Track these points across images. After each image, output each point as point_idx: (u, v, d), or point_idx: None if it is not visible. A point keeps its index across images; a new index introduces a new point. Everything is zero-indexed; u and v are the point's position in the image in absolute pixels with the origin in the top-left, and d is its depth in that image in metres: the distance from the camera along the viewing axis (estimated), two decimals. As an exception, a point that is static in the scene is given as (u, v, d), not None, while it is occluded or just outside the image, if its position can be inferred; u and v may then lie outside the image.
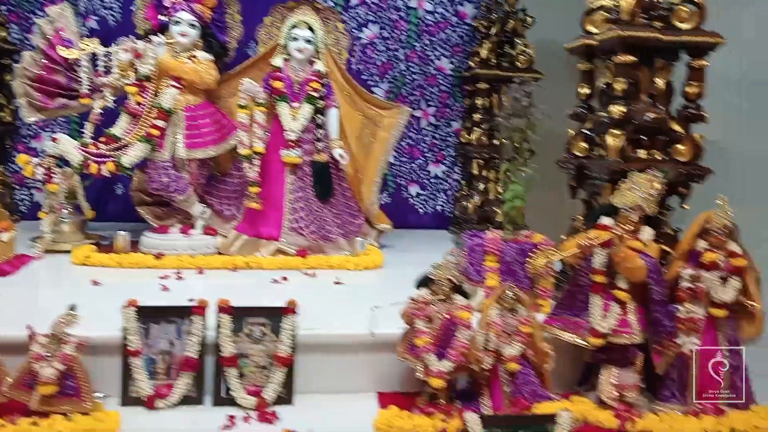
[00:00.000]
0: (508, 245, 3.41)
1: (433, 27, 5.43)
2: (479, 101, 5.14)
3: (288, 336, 2.94)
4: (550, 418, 2.73)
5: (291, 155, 4.18)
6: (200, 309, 2.90)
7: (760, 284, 3.06)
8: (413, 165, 5.59)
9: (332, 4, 5.11)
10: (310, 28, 4.25)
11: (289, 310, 2.97)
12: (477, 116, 4.87)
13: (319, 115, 4.27)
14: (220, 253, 4.12)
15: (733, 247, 3.01)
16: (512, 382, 2.91)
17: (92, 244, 3.89)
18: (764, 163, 5.18)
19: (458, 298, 2.90)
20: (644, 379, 3.12)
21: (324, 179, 4.26)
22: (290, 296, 3.04)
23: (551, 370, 3.05)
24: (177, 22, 4.09)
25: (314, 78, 4.23)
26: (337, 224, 4.09)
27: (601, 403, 2.98)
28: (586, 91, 3.54)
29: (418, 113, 5.51)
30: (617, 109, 3.18)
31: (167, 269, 3.89)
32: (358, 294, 3.41)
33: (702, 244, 3.01)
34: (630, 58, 3.14)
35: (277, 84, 4.19)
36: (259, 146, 4.13)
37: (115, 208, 5.09)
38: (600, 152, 3.41)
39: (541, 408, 2.89)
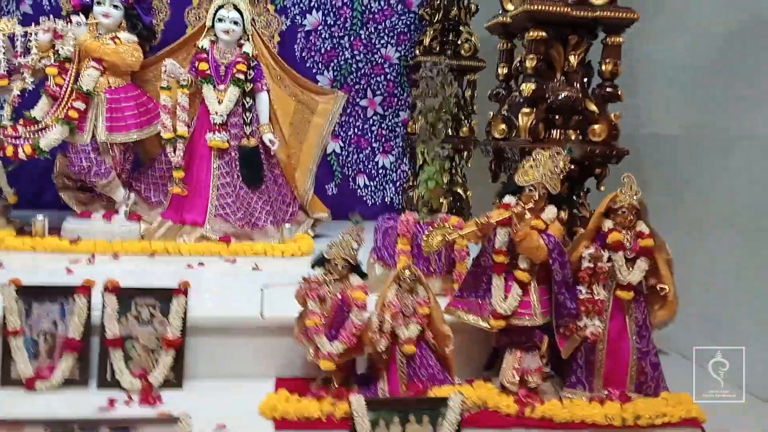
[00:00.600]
0: (420, 227, 3.30)
1: (379, 15, 5.36)
2: (423, 90, 5.01)
3: (177, 318, 2.85)
4: (442, 402, 2.63)
5: (216, 139, 4.09)
6: (85, 289, 2.81)
7: (672, 267, 2.95)
8: (360, 155, 5.52)
9: (276, -11, 5.01)
10: (238, 10, 4.15)
11: (179, 291, 2.88)
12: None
13: (247, 99, 4.15)
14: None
15: (641, 227, 2.91)
16: (409, 365, 2.81)
17: (14, 229, 3.77)
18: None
19: (354, 279, 2.79)
20: (554, 365, 3.00)
21: (251, 165, 4.18)
22: (204, 282, 2.93)
23: (458, 355, 2.96)
24: (99, 3, 4.00)
25: (241, 60, 4.14)
26: (266, 211, 3.99)
27: (503, 389, 2.87)
28: (504, 71, 3.44)
29: (364, 102, 5.43)
30: (528, 87, 3.10)
31: (81, 254, 3.78)
32: (273, 280, 3.32)
33: (608, 224, 2.90)
34: (540, 33, 3.06)
35: (202, 66, 4.10)
36: (182, 129, 4.04)
37: (53, 194, 4.96)
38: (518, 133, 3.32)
39: (439, 392, 2.77)
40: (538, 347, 2.97)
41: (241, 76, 4.13)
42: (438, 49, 4.98)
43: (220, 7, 4.17)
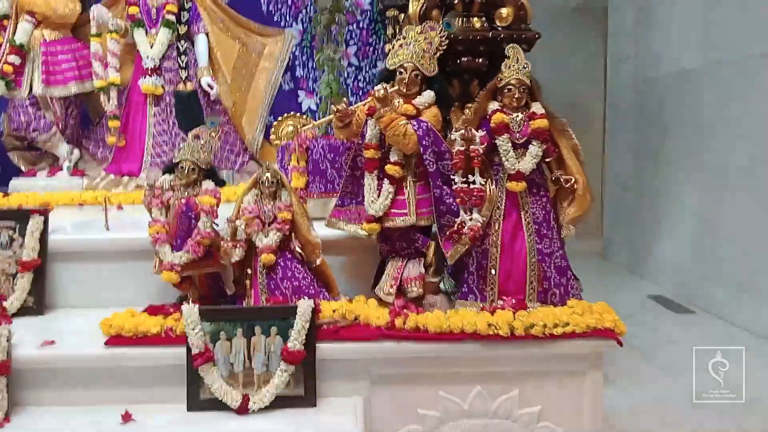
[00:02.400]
0: (315, 142, 3.02)
1: (347, -41, 5.08)
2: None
3: (32, 239, 2.72)
4: (290, 311, 2.33)
5: (149, 84, 3.98)
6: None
7: (579, 154, 2.56)
8: (337, 111, 5.24)
9: (232, -61, 4.87)
10: (169, -50, 4.03)
11: (37, 211, 2.73)
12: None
13: (181, 42, 4.01)
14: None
15: (535, 107, 2.54)
16: (270, 276, 2.55)
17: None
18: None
19: (207, 184, 2.55)
20: (452, 273, 2.67)
21: (188, 110, 4.02)
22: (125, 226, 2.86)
23: (351, 273, 2.80)
24: (33, -43, 3.99)
25: (172, 1, 4.00)
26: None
27: (381, 301, 2.53)
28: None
29: (337, 54, 5.14)
30: (413, -33, 2.75)
31: (11, 206, 3.74)
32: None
33: (493, 105, 2.53)
34: None
35: (132, 9, 4.02)
36: (114, 76, 3.95)
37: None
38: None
39: (303, 305, 2.47)
40: (423, 254, 2.57)
41: (172, 18, 4.00)
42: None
43: (151, -51, 4.05)
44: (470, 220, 2.46)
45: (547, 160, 2.57)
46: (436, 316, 2.41)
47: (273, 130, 2.69)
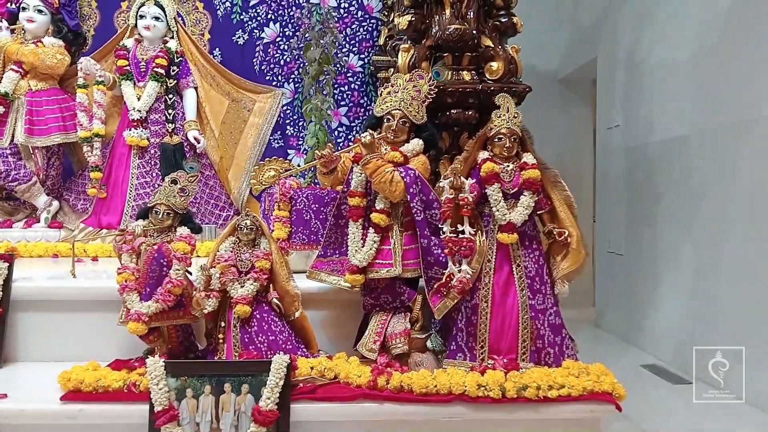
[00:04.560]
0: (300, 192, 2.90)
1: (339, 23, 5.10)
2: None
3: (-9, 285, 2.52)
4: (263, 366, 2.14)
5: (134, 136, 3.90)
6: None
7: (573, 207, 2.46)
8: (327, 169, 5.16)
9: (230, 3, 4.89)
10: (160, 6, 4.03)
11: (2, 257, 2.58)
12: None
13: (169, 95, 3.96)
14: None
15: (526, 158, 2.42)
16: (245, 329, 2.36)
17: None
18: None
19: (181, 230, 2.41)
20: (440, 330, 2.54)
21: (173, 163, 3.91)
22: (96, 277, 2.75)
23: (333, 329, 2.66)
24: (24, 8, 4.00)
25: (161, 55, 4.00)
26: (193, 214, 3.68)
27: (363, 359, 2.35)
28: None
29: (325, 104, 5.10)
30: (404, 20, 2.73)
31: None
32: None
33: (483, 155, 2.43)
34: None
35: (121, 62, 3.99)
36: (98, 127, 3.87)
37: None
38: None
39: (278, 362, 2.28)
40: (409, 308, 2.42)
41: (160, 71, 3.97)
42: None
43: (142, 4, 4.06)
44: (459, 272, 2.32)
45: (540, 212, 2.47)
46: (422, 375, 2.24)
47: (253, 174, 2.56)
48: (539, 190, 2.42)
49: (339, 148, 4.61)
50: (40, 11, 3.96)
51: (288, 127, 4.50)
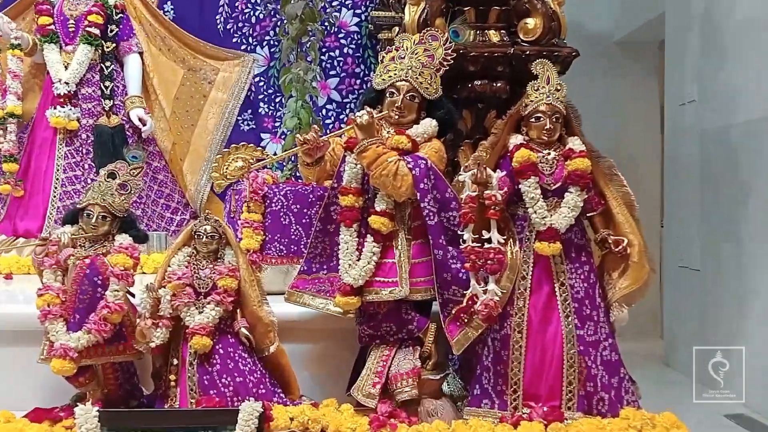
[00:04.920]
0: (277, 188, 2.93)
1: (329, -33, 5.12)
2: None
3: None
4: (228, 416, 2.15)
5: (60, 116, 3.90)
6: None
7: (634, 209, 2.50)
8: (311, 160, 5.17)
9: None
10: (94, -49, 4.05)
11: None
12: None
13: (106, 63, 3.99)
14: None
15: (573, 143, 2.47)
16: (203, 368, 2.37)
17: None
18: None
19: (121, 238, 2.42)
20: (460, 369, 2.60)
21: (111, 151, 3.93)
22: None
23: (321, 367, 2.69)
24: None
25: (96, 10, 4.00)
26: (138, 217, 3.69)
27: (359, 406, 2.38)
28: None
29: (314, 85, 5.10)
30: (422, -32, 2.75)
31: None
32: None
33: (515, 139, 2.48)
34: None
35: (43, 20, 4.00)
36: (14, 104, 3.88)
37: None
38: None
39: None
40: (420, 341, 2.46)
41: (95, 31, 3.98)
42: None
43: (70, -55, 4.07)
44: (484, 293, 2.33)
45: (590, 214, 2.49)
46: (437, 428, 2.25)
47: (216, 165, 2.57)
48: (589, 186, 2.43)
49: (327, 132, 4.61)
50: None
51: (261, 104, 4.51)
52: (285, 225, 2.95)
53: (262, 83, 4.50)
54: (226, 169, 2.61)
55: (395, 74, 2.52)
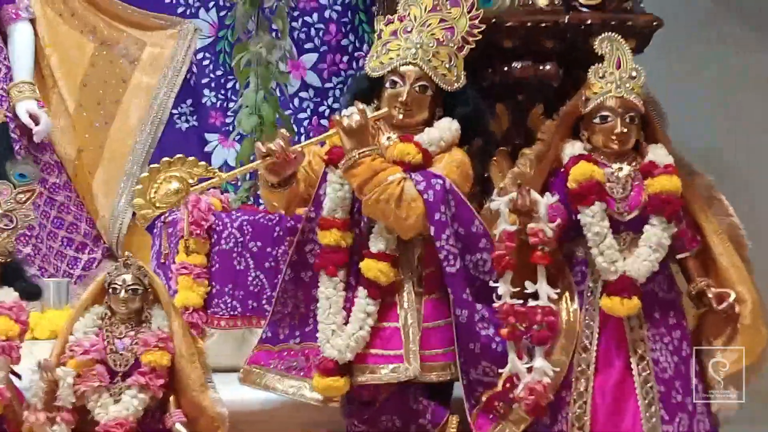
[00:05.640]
0: (229, 218, 2.96)
1: None
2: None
3: None
4: None
5: None
6: None
7: (744, 248, 2.55)
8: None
9: None
10: None
11: None
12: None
13: (-18, 37, 4.04)
14: None
15: (654, 153, 2.51)
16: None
17: None
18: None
19: (3, 294, 2.46)
20: None
21: (-9, 163, 3.97)
22: None
23: None
24: None
25: (-36, -41, 4.05)
26: (27, 256, 3.75)
27: None
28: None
29: (282, 67, 5.12)
30: None
31: None
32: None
33: (572, 148, 2.53)
34: None
35: None
36: None
37: None
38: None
39: None
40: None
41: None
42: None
43: None
44: (529, 372, 2.35)
45: (681, 256, 2.52)
46: None
47: (140, 187, 2.57)
48: (680, 216, 2.46)
49: (301, 136, 4.66)
50: None
51: (206, 91, 4.54)
52: (240, 271, 3.00)
53: (207, 62, 4.52)
54: (155, 193, 2.60)
55: (399, 55, 2.54)
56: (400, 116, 2.54)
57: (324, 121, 4.46)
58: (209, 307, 2.90)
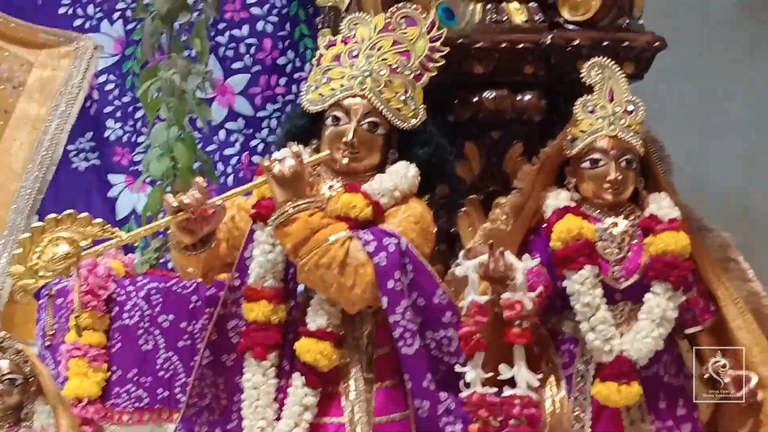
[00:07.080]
0: (133, 286, 2.95)
1: None
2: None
3: None
4: None
5: None
6: None
7: (765, 318, 2.54)
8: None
9: None
10: None
11: None
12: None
13: None
14: None
15: (655, 205, 2.54)
16: None
17: None
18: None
19: None
20: None
21: None
22: None
23: None
24: None
25: None
26: None
27: None
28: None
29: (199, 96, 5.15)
30: None
31: None
32: None
33: (556, 199, 2.52)
34: None
35: None
36: None
37: None
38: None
39: None
40: None
41: None
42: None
43: None
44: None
45: (691, 330, 2.55)
46: None
47: (20, 251, 2.56)
48: (688, 281, 2.48)
49: (228, 179, 4.68)
50: None
51: (109, 123, 4.57)
52: (147, 352, 3.00)
53: (111, 86, 4.56)
54: (38, 258, 2.58)
55: (343, 86, 2.55)
56: (345, 160, 2.54)
57: (258, 158, 4.43)
58: (108, 398, 2.88)
